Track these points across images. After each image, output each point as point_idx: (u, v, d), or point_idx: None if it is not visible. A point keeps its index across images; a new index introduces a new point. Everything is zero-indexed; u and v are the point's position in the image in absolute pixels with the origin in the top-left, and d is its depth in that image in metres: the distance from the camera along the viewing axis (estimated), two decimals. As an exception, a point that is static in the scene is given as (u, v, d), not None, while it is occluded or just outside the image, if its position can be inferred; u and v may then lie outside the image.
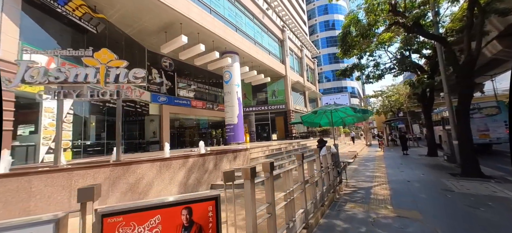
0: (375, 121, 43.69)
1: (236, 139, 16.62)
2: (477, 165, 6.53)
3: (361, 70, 12.17)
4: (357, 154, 14.02)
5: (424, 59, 11.71)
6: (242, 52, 17.48)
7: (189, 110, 18.52)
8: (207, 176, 5.70)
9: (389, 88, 31.14)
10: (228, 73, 16.93)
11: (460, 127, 6.84)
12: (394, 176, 7.15)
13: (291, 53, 26.93)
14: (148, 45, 15.04)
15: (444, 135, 9.62)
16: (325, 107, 5.98)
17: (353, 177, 7.38)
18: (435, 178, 6.68)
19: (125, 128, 14.00)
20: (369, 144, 23.23)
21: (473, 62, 6.62)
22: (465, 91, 6.81)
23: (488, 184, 5.70)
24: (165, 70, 16.75)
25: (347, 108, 5.91)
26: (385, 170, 8.37)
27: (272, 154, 9.57)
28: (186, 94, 18.43)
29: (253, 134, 25.14)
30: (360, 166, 9.57)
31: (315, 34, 46.39)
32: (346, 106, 5.84)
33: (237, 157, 6.81)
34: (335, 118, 7.16)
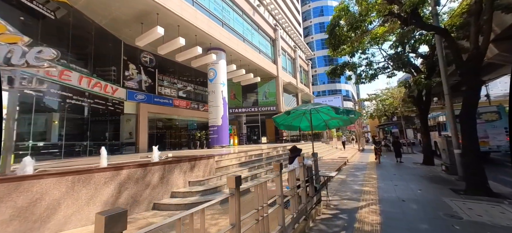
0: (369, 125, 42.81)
1: (220, 141, 15.30)
2: (485, 181, 5.35)
3: (352, 69, 11.00)
4: (348, 161, 12.82)
5: (420, 58, 10.60)
6: (229, 49, 16.22)
7: (172, 110, 17.15)
8: (149, 192, 4.41)
9: (383, 92, 30.23)
10: (213, 71, 15.64)
11: (464, 134, 5.66)
12: (387, 192, 5.93)
13: (284, 53, 25.78)
14: (124, 38, 13.67)
15: (442, 143, 8.47)
16: (301, 107, 4.74)
17: (338, 192, 6.13)
18: (435, 196, 5.47)
19: (94, 128, 12.55)
20: (361, 149, 22.11)
21: (480, 57, 5.46)
22: (470, 92, 5.64)
23: (502, 207, 4.50)
24: (144, 66, 15.37)
25: (328, 108, 4.69)
26: (376, 182, 7.14)
27: (249, 161, 8.29)
28: (168, 93, 17.06)
29: (243, 137, 23.87)
30: (349, 176, 8.35)
31: (310, 36, 45.38)
32: (327, 105, 4.60)
33: (197, 166, 5.51)
34: (316, 121, 5.93)
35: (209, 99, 15.61)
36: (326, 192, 5.14)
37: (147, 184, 4.40)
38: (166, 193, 4.70)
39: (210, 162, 5.93)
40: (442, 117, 14.27)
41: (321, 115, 5.66)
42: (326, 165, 10.65)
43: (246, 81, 20.52)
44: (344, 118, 5.40)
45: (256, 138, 24.39)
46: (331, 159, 13.40)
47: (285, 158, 10.77)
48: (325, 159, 13.32)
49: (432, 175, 8.07)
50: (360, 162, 12.63)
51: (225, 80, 15.86)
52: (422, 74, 9.87)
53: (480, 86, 5.56)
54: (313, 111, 5.45)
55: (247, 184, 6.21)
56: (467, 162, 5.55)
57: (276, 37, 23.27)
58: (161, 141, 17.09)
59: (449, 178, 7.40)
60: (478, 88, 5.57)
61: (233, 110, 22.49)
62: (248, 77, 19.38)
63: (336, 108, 4.26)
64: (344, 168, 10.61)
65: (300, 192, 3.84)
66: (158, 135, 17.00)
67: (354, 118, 5.00)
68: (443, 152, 8.50)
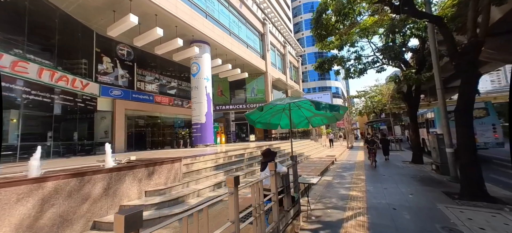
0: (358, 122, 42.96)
1: (203, 140, 14.38)
2: (482, 184, 4.78)
3: (341, 63, 10.35)
4: (336, 160, 12.25)
5: (410, 53, 10.06)
6: (213, 43, 15.22)
7: (153, 107, 15.99)
8: (88, 208, 3.50)
9: (372, 89, 30.13)
10: (196, 65, 14.62)
11: (460, 132, 5.07)
12: (376, 197, 5.27)
13: (273, 48, 24.96)
14: (96, 28, 12.39)
15: (433, 141, 7.96)
16: (275, 101, 3.94)
17: (322, 198, 5.42)
18: (428, 201, 4.86)
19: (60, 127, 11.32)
20: (350, 146, 21.78)
21: (478, 46, 4.86)
22: (466, 86, 5.04)
23: (504, 216, 3.92)
24: (121, 60, 14.12)
25: (308, 103, 3.93)
26: (364, 185, 6.51)
27: (227, 163, 7.47)
28: (149, 88, 15.87)
29: (232, 135, 23.00)
30: (335, 178, 7.70)
31: (300, 32, 44.71)
32: (306, 100, 3.82)
33: (157, 172, 4.61)
34: (297, 118, 5.17)
35: (192, 96, 14.61)
36: (307, 200, 4.40)
37: (85, 198, 3.49)
38: (113, 207, 3.81)
39: (175, 166, 5.05)
40: (430, 113, 13.97)
41: (302, 112, 4.90)
42: (313, 165, 10.00)
43: (234, 77, 19.59)
44: (328, 115, 4.66)
45: (244, 135, 23.58)
46: (318, 158, 12.80)
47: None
48: (313, 158, 12.71)
49: (423, 175, 7.55)
50: (348, 161, 12.09)
51: (209, 75, 14.88)
52: (412, 69, 9.34)
53: (477, 79, 4.98)
54: (293, 107, 4.67)
55: (218, 191, 5.39)
56: (463, 162, 4.96)
57: (264, 31, 22.38)
58: (142, 140, 15.96)
59: (440, 179, 6.89)
60: (476, 82, 4.98)
61: (220, 107, 21.54)
62: (235, 73, 18.46)
63: (317, 103, 3.49)
64: (331, 168, 10.00)
65: (273, 208, 3.06)
66: (138, 133, 15.85)
67: (340, 114, 4.28)
68: (434, 150, 8.00)
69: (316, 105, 3.45)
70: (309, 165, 10.13)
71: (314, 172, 8.25)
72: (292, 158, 4.15)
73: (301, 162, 11.06)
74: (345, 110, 3.94)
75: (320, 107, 3.51)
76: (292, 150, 4.57)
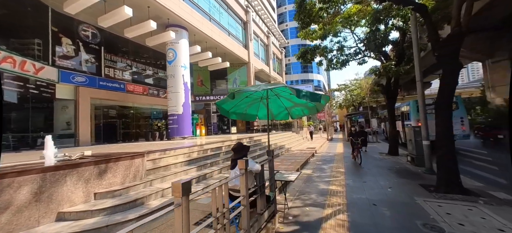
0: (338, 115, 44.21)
1: (181, 132, 13.50)
2: (457, 177, 4.75)
3: (323, 54, 10.03)
4: (316, 152, 12.17)
5: (390, 45, 10.03)
6: (192, 28, 14.13)
7: (124, 96, 14.61)
8: (8, 219, 2.72)
9: (352, 83, 30.86)
10: (172, 51, 13.49)
11: (439, 124, 4.96)
12: (355, 192, 5.05)
13: (256, 38, 24.18)
14: (52, 3, 10.71)
15: (409, 133, 8.04)
16: (249, 88, 3.41)
17: (301, 194, 5.09)
18: (406, 195, 4.72)
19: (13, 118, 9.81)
20: (330, 138, 22.16)
21: (462, 36, 4.70)
22: (449, 77, 4.90)
23: (480, 210, 3.85)
24: (85, 42, 12.53)
25: (287, 91, 3.46)
26: (344, 178, 6.32)
27: (202, 157, 6.85)
28: (119, 76, 14.42)
29: (213, 127, 22.18)
30: (316, 171, 7.48)
31: (284, 23, 44.08)
32: (284, 86, 3.33)
33: (112, 169, 3.88)
34: (276, 109, 4.69)
35: (168, 84, 13.54)
36: (285, 198, 3.99)
37: (5, 207, 2.72)
38: (47, 215, 3.06)
39: (135, 162, 4.34)
40: (405, 107, 14.42)
41: (282, 102, 4.43)
42: (293, 158, 9.75)
43: (214, 67, 18.63)
44: (309, 105, 4.24)
45: (226, 127, 22.91)
46: (299, 150, 12.65)
47: (250, 150, 9.57)
48: (293, 151, 12.52)
49: (399, 167, 7.59)
50: (328, 153, 12.07)
51: (187, 63, 13.85)
52: (392, 61, 9.30)
53: (459, 70, 4.86)
54: (271, 97, 4.17)
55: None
56: (441, 155, 4.88)
57: (247, 19, 21.48)
58: (112, 132, 14.62)
59: (415, 170, 6.94)
60: (457, 73, 4.86)
61: (200, 98, 20.54)
62: (216, 62, 17.52)
63: (297, 90, 3.01)
64: (311, 160, 9.83)
65: (242, 213, 2.57)
66: (108, 125, 14.47)
67: (321, 105, 3.87)
68: (410, 142, 8.09)
69: (297, 93, 2.97)
70: (290, 157, 9.87)
71: (294, 165, 7.96)
72: (268, 152, 3.68)
73: (282, 154, 10.78)
74: (326, 100, 3.53)
75: (300, 95, 3.04)
76: (269, 144, 4.10)
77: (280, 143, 13.17)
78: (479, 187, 5.11)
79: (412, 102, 12.40)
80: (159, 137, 15.79)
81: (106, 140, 13.71)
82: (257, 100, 4.46)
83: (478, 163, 7.87)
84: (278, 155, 10.41)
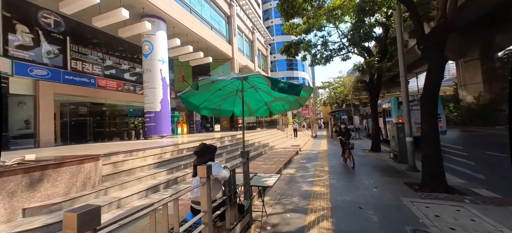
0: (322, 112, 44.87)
1: (158, 130, 12.57)
2: (443, 175, 4.55)
3: (307, 48, 9.68)
4: (300, 149, 11.89)
5: (373, 41, 9.91)
6: (170, 19, 13.15)
7: (96, 92, 13.32)
8: None
9: (336, 80, 31.27)
10: (148, 44, 12.46)
11: (424, 120, 4.74)
12: (340, 194, 4.69)
13: (241, 33, 23.46)
14: (2, -15, 9.27)
15: (392, 130, 7.92)
16: (218, 77, 2.83)
17: (282, 197, 4.63)
18: (392, 195, 4.44)
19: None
20: (314, 135, 22.19)
21: (447, 28, 4.47)
22: (434, 71, 4.67)
23: (468, 210, 3.62)
24: (47, 31, 11.11)
25: (261, 80, 2.94)
26: (328, 178, 5.98)
27: (175, 158, 6.16)
28: (90, 69, 13.08)
29: (196, 125, 21.24)
30: (299, 171, 7.09)
31: (269, 20, 43.66)
32: (259, 75, 2.78)
33: (49, 179, 3.10)
34: (254, 104, 4.16)
35: (145, 80, 12.52)
36: (263, 204, 3.49)
37: None
38: None
39: (86, 167, 3.58)
40: (386, 104, 14.62)
41: (260, 96, 3.91)
42: (277, 156, 9.33)
43: (197, 62, 17.70)
44: (290, 99, 3.76)
45: (209, 125, 22.08)
46: (283, 148, 12.29)
47: (231, 150, 9.00)
48: (277, 149, 12.14)
49: (383, 164, 7.43)
50: (312, 150, 11.83)
51: (165, 57, 12.88)
52: (375, 57, 9.17)
53: (444, 63, 4.65)
54: (248, 89, 3.63)
55: (151, 197, 4.13)
56: (426, 152, 4.66)
57: (231, 14, 20.69)
58: (81, 131, 13.30)
59: (399, 168, 6.79)
60: (443, 67, 4.65)
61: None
62: (198, 57, 16.61)
63: (273, 81, 2.50)
64: (295, 158, 9.48)
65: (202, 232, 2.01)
66: (77, 123, 13.14)
67: (303, 98, 3.41)
68: (392, 139, 7.99)
69: (273, 83, 2.46)
70: (273, 156, 9.44)
71: (277, 164, 7.53)
72: (242, 154, 3.14)
73: (265, 153, 10.34)
74: (309, 92, 3.05)
75: (278, 85, 2.52)
76: (244, 144, 3.55)
77: (264, 140, 12.72)
78: (461, 184, 4.98)
79: (393, 99, 12.53)
80: (136, 136, 14.69)
81: (74, 140, 12.41)
82: (232, 93, 3.89)
83: (455, 159, 7.95)
84: (261, 153, 9.95)
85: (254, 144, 10.97)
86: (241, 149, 3.25)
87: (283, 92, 2.64)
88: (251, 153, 9.48)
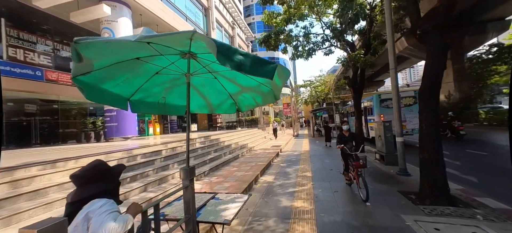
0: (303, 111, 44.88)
1: (122, 132, 10.87)
2: (446, 185, 3.77)
3: (288, 40, 8.71)
4: (281, 150, 10.93)
5: (357, 35, 9.23)
6: (136, 5, 11.43)
7: (44, 86, 11.08)
8: None
9: (317, 79, 31.09)
10: (108, 31, 10.66)
11: (423, 120, 3.94)
12: (328, 210, 3.72)
13: (220, 28, 22.00)
14: None
15: (379, 129, 7.24)
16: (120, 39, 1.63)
17: (255, 218, 3.53)
18: (391, 212, 3.55)
19: None
20: (296, 134, 21.55)
21: (451, 8, 3.68)
22: (435, 59, 3.87)
23: (485, 231, 2.82)
24: (-30, 10, 8.82)
25: (201, 43, 1.78)
26: (311, 187, 5.00)
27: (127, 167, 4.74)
28: (35, 59, 10.86)
29: (170, 124, 19.40)
30: (278, 177, 6.06)
31: (251, 17, 42.44)
32: (200, 37, 1.59)
33: None
34: (214, 96, 3.00)
35: (103, 73, 10.60)
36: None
37: None
38: None
39: None
40: (367, 102, 14.28)
41: (222, 84, 2.75)
42: (255, 160, 8.24)
43: (169, 55, 15.94)
44: (263, 90, 2.65)
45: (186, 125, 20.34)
46: (263, 149, 11.24)
47: (202, 153, 7.68)
48: (257, 150, 11.06)
49: (369, 167, 6.65)
50: (293, 151, 10.92)
51: (128, 47, 11.06)
52: (359, 51, 8.47)
53: (447, 50, 3.88)
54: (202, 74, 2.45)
55: None
56: (426, 157, 3.86)
57: (209, 6, 19.17)
58: (24, 133, 11.05)
59: (388, 171, 6.06)
60: (445, 54, 3.87)
61: (154, 91, 17.57)
62: (170, 50, 14.88)
63: (223, 48, 1.37)
64: (275, 161, 8.47)
65: None
66: (17, 124, 10.89)
67: (279, 87, 2.33)
68: (379, 139, 7.31)
69: (222, 53, 1.33)
70: (251, 159, 8.34)
71: (254, 169, 6.43)
72: (184, 172, 1.95)
73: (242, 156, 9.20)
74: (285, 76, 1.91)
75: (231, 58, 1.40)
76: (188, 157, 2.30)
77: (242, 141, 11.57)
78: (460, 191, 4.28)
79: (375, 96, 12.08)
80: (95, 138, 12.69)
81: (12, 143, 10.19)
82: (180, 80, 2.67)
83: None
84: (237, 156, 8.79)
85: (230, 146, 9.77)
86: (186, 165, 2.06)
87: (242, 70, 1.52)
88: (226, 156, 8.28)
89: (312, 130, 20.50)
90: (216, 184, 5.14)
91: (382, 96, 12.11)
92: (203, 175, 5.87)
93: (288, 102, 26.02)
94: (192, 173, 2.00)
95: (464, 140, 11.34)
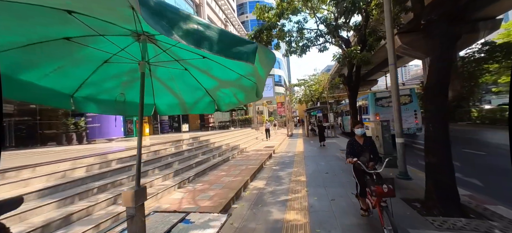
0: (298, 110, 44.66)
1: (105, 133, 10.18)
2: (455, 192, 3.34)
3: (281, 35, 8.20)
4: (274, 151, 10.43)
5: (352, 31, 8.82)
6: None
7: (18, 84, 10.16)
8: None
9: (311, 78, 30.82)
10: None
11: (430, 118, 3.49)
12: (324, 225, 3.23)
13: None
14: None
15: (377, 129, 6.83)
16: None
17: (243, 226, 2.99)
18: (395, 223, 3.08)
19: None
20: (290, 134, 21.14)
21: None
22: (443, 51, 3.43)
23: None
24: None
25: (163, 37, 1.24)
26: (305, 194, 4.51)
27: (96, 175, 4.13)
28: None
29: (162, 125, 18.60)
30: (270, 182, 5.54)
31: (244, 15, 41.78)
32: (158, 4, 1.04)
33: None
34: (187, 93, 2.46)
35: (84, 70, 9.82)
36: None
37: None
38: None
39: None
40: (362, 100, 13.95)
41: (196, 77, 2.21)
42: (246, 162, 7.71)
43: (158, 53, 15.18)
44: (244, 84, 2.12)
45: (177, 125, 19.64)
46: (255, 150, 10.71)
47: (187, 157, 7.09)
48: (249, 151, 10.53)
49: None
50: (287, 152, 10.44)
51: (111, 43, 10.30)
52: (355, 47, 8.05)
53: (454, 41, 3.45)
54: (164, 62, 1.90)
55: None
56: (433, 161, 3.41)
57: (200, 2, 18.47)
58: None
59: (387, 175, 5.64)
60: (454, 43, 3.43)
61: (143, 90, 16.75)
62: (159, 47, 14.13)
63: (179, 15, 0.84)
64: (268, 164, 7.96)
65: None
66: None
67: (262, 78, 1.82)
68: (376, 139, 6.89)
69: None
70: (242, 162, 7.80)
71: (244, 174, 5.90)
72: (130, 194, 1.40)
73: (233, 158, 8.64)
74: (268, 62, 1.37)
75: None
76: (139, 175, 1.74)
77: (234, 142, 11.01)
78: (468, 198, 3.87)
79: (370, 95, 11.76)
80: (78, 140, 11.84)
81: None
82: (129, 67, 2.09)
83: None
84: (228, 158, 8.23)
85: (221, 147, 9.20)
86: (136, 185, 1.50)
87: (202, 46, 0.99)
88: (215, 159, 7.70)
89: (307, 129, 20.12)
90: (200, 192, 4.58)
91: (378, 94, 11.77)
92: (187, 182, 5.30)
93: (282, 102, 25.59)
94: (141, 196, 1.45)
95: (460, 139, 11.15)
